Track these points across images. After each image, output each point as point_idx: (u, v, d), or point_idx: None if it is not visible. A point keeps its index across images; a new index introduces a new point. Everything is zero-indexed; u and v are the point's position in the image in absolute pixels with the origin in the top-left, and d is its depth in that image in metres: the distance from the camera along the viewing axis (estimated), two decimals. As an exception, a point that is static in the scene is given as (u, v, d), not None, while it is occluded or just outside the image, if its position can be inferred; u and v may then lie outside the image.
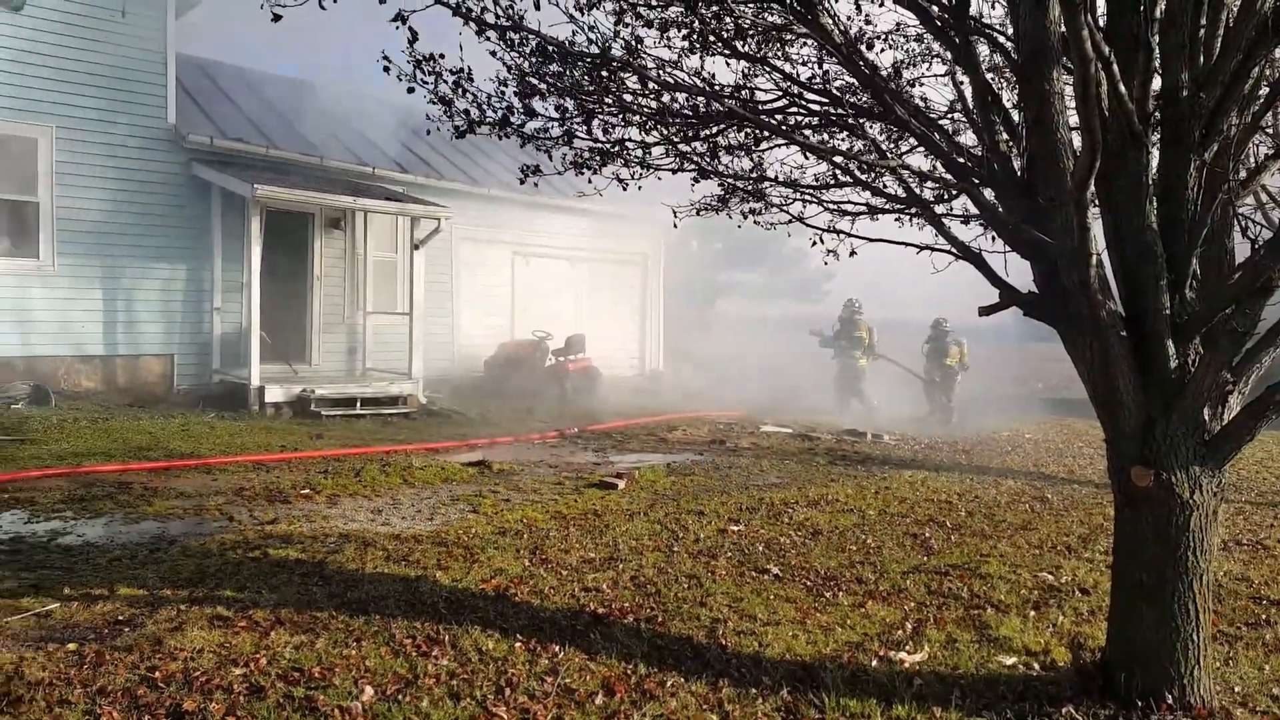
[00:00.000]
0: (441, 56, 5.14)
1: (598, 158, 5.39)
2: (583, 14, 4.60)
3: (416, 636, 3.94)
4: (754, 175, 5.18)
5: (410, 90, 5.12)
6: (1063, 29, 3.14)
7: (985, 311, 3.87)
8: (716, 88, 4.70)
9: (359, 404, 11.55)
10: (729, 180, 4.94)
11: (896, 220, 5.01)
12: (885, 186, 4.77)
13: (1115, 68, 3.11)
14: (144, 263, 11.72)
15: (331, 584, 4.60)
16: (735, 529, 6.31)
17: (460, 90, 4.92)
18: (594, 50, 4.56)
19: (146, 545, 5.28)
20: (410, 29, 3.89)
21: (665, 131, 4.95)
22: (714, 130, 4.96)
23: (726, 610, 4.59)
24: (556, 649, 3.90)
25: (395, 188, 13.77)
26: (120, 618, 4.06)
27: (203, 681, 3.45)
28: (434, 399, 12.85)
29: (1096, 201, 3.70)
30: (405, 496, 6.92)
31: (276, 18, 3.62)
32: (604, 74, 4.63)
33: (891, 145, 5.22)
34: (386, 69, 4.99)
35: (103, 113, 11.33)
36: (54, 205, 11.06)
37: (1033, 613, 4.82)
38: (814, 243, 5.08)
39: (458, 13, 4.27)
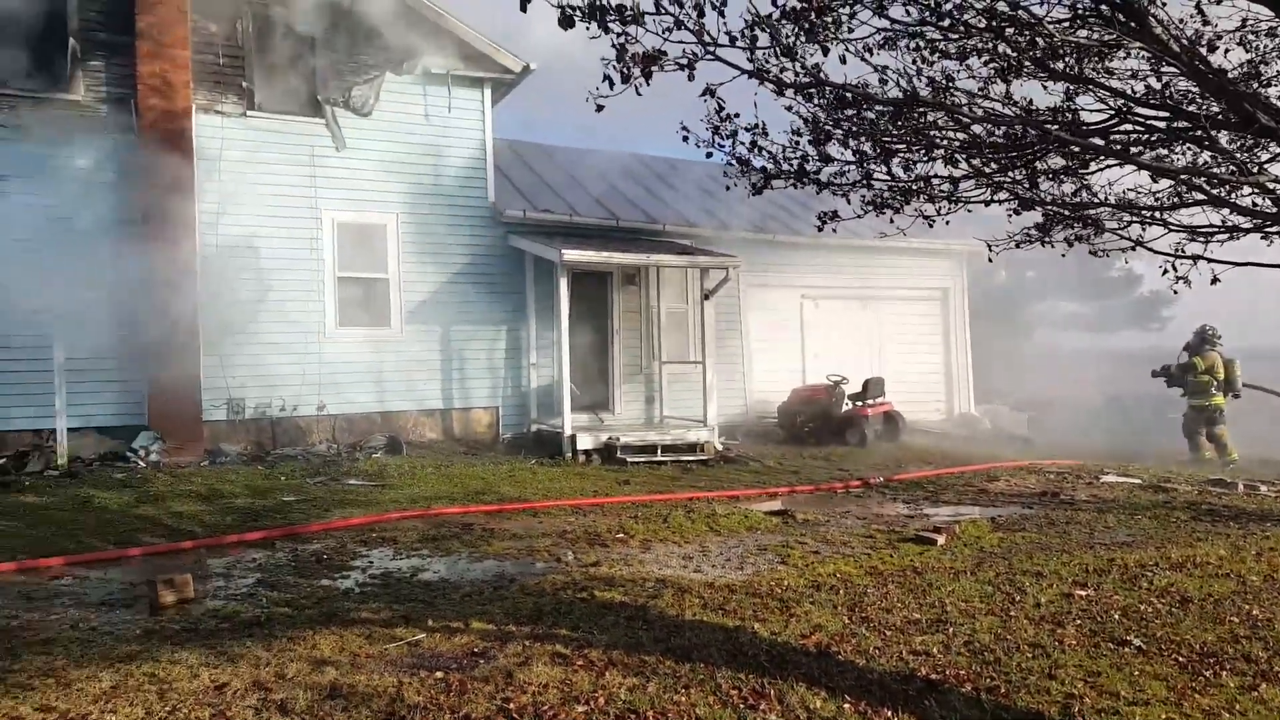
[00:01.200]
0: (736, 116, 5.42)
1: (899, 196, 5.35)
2: (871, 54, 4.66)
3: (742, 688, 4.08)
4: (1079, 200, 4.86)
5: (709, 155, 5.45)
6: None
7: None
8: (1033, 112, 4.51)
9: (659, 451, 12.19)
10: (1053, 208, 4.68)
11: (1264, 239, 4.44)
12: (1244, 201, 4.27)
13: None
14: (472, 326, 13.38)
15: (655, 628, 4.91)
16: (1082, 593, 5.81)
17: (756, 148, 5.15)
18: (895, 94, 4.57)
19: (490, 583, 5.98)
20: (718, 100, 4.17)
21: (976, 163, 4.82)
22: (1029, 156, 4.75)
23: (1081, 685, 4.24)
24: (889, 714, 3.86)
25: (684, 241, 14.52)
26: (475, 650, 4.63)
27: (550, 716, 3.84)
28: (729, 446, 13.21)
29: None
30: (713, 544, 7.20)
31: (599, 108, 4.06)
32: (906, 113, 4.63)
33: (1247, 155, 4.66)
34: (685, 138, 5.36)
35: (436, 197, 13.19)
36: (400, 280, 13.01)
37: None
38: (1164, 270, 4.64)
39: (754, 75, 4.50)
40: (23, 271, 10.41)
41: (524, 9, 4.05)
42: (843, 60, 4.07)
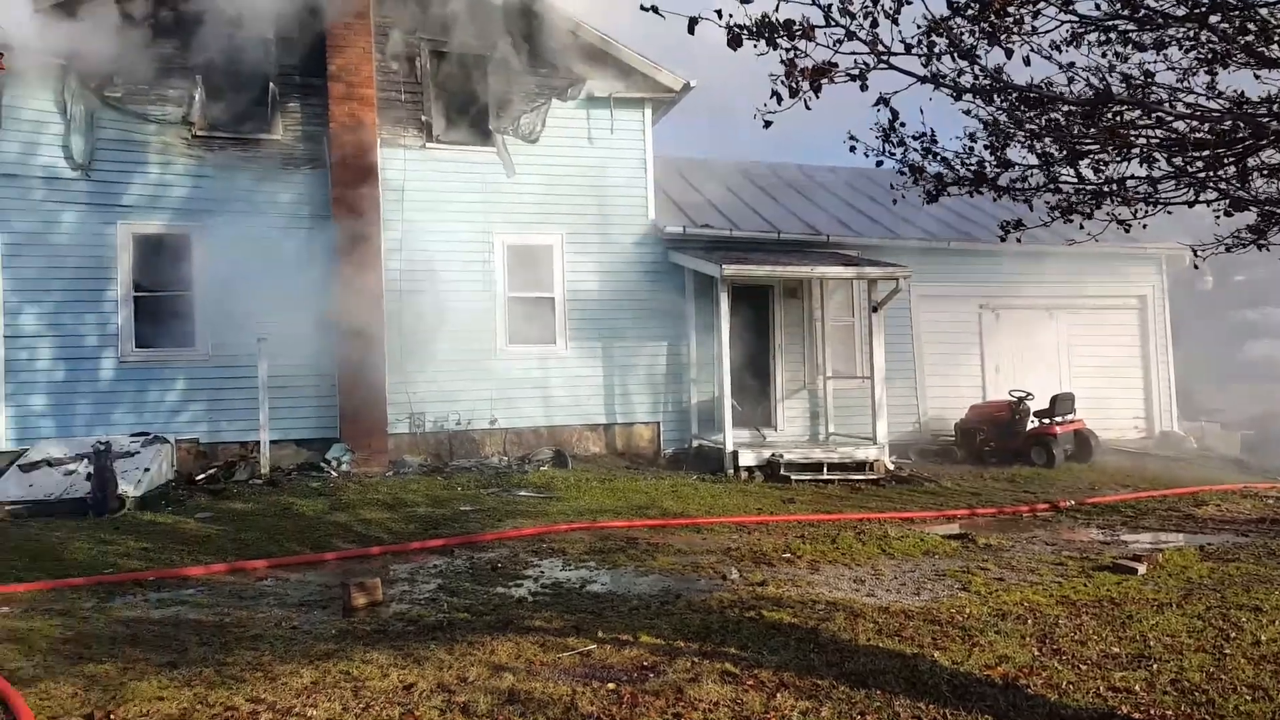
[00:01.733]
0: (902, 125, 5.30)
1: (1089, 200, 5.07)
2: (1060, 51, 4.44)
3: (922, 717, 3.97)
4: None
5: (879, 164, 5.37)
6: None
7: None
8: (1245, 104, 4.16)
9: (825, 469, 11.98)
10: (1270, 208, 4.30)
11: None
12: None
13: None
14: (633, 342, 13.67)
15: (827, 651, 4.84)
16: (1309, 632, 5.27)
17: (929, 155, 5.02)
18: (1084, 92, 4.35)
19: (657, 597, 6.08)
20: (891, 109, 4.11)
21: (1178, 162, 4.50)
22: (1240, 151, 4.39)
23: (1308, 734, 3.86)
24: (1083, 752, 3.64)
25: (850, 252, 14.24)
26: (645, 663, 4.73)
27: (722, 733, 3.87)
28: (901, 465, 12.81)
29: None
30: (885, 567, 7.01)
31: (767, 124, 4.09)
32: (1099, 112, 4.39)
33: None
34: (853, 148, 5.30)
35: (598, 217, 13.59)
36: (565, 299, 13.48)
37: None
38: None
39: (929, 81, 4.39)
40: (231, 297, 11.59)
41: (691, 31, 4.15)
42: (1026, 61, 3.92)
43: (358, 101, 12.09)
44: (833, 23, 3.83)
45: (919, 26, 3.72)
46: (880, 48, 3.60)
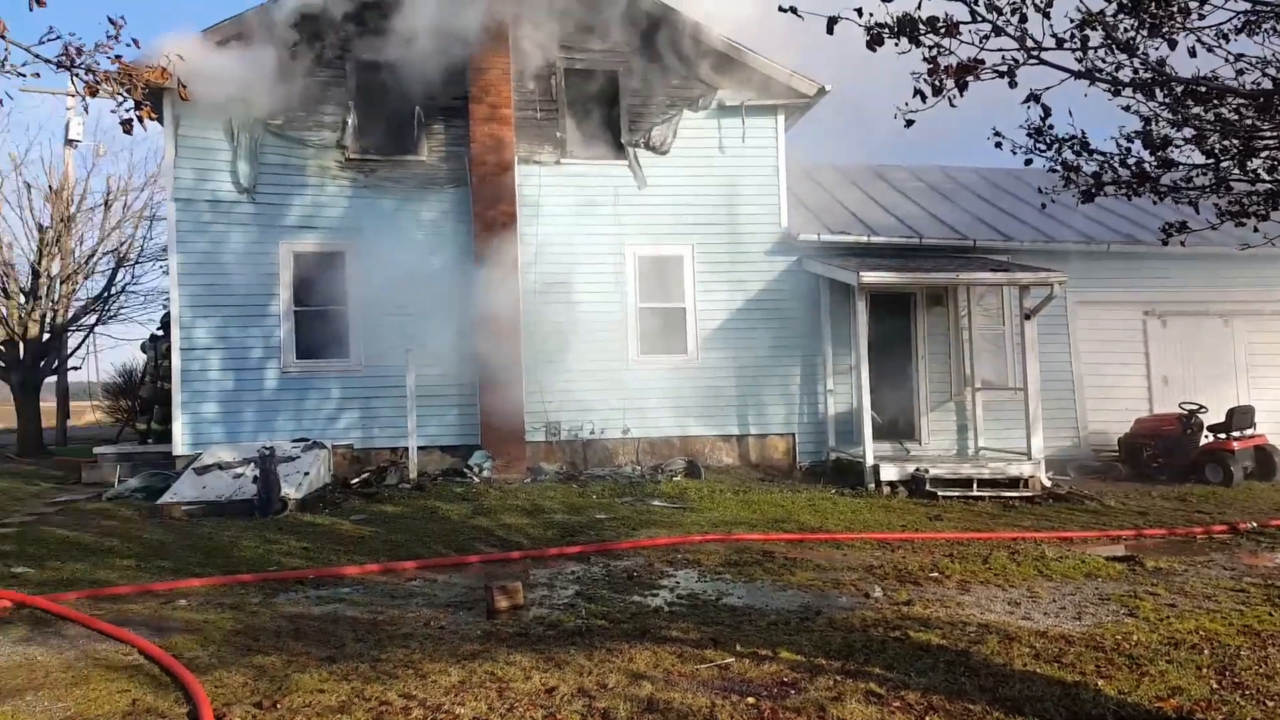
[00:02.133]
0: (1050, 127, 5.07)
1: (1263, 201, 4.73)
2: (1228, 41, 4.16)
3: (1084, 748, 3.77)
4: None
5: (1027, 162, 5.17)
6: None
7: None
8: None
9: (975, 485, 11.52)
10: None
11: None
12: None
13: None
14: (766, 351, 13.56)
15: (979, 676, 4.66)
16: None
17: (1086, 153, 4.80)
18: (1259, 82, 4.06)
19: (796, 613, 6.02)
20: (1043, 106, 3.96)
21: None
22: None
23: None
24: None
25: (999, 257, 13.67)
26: (785, 679, 4.69)
27: (866, 753, 3.79)
28: (1058, 482, 12.16)
29: None
30: (1043, 590, 6.68)
31: (909, 124, 4.02)
32: (1276, 104, 4.09)
33: None
34: (999, 144, 5.13)
35: (729, 226, 13.58)
36: (696, 308, 13.53)
37: None
38: None
39: (1084, 77, 4.20)
40: (381, 310, 12.29)
41: (830, 30, 4.13)
42: (1192, 53, 3.70)
43: (498, 122, 12.58)
44: (979, 18, 3.74)
45: (1071, 20, 3.57)
46: (1030, 43, 3.48)
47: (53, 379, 20.15)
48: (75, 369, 21.32)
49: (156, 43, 11.36)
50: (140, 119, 4.16)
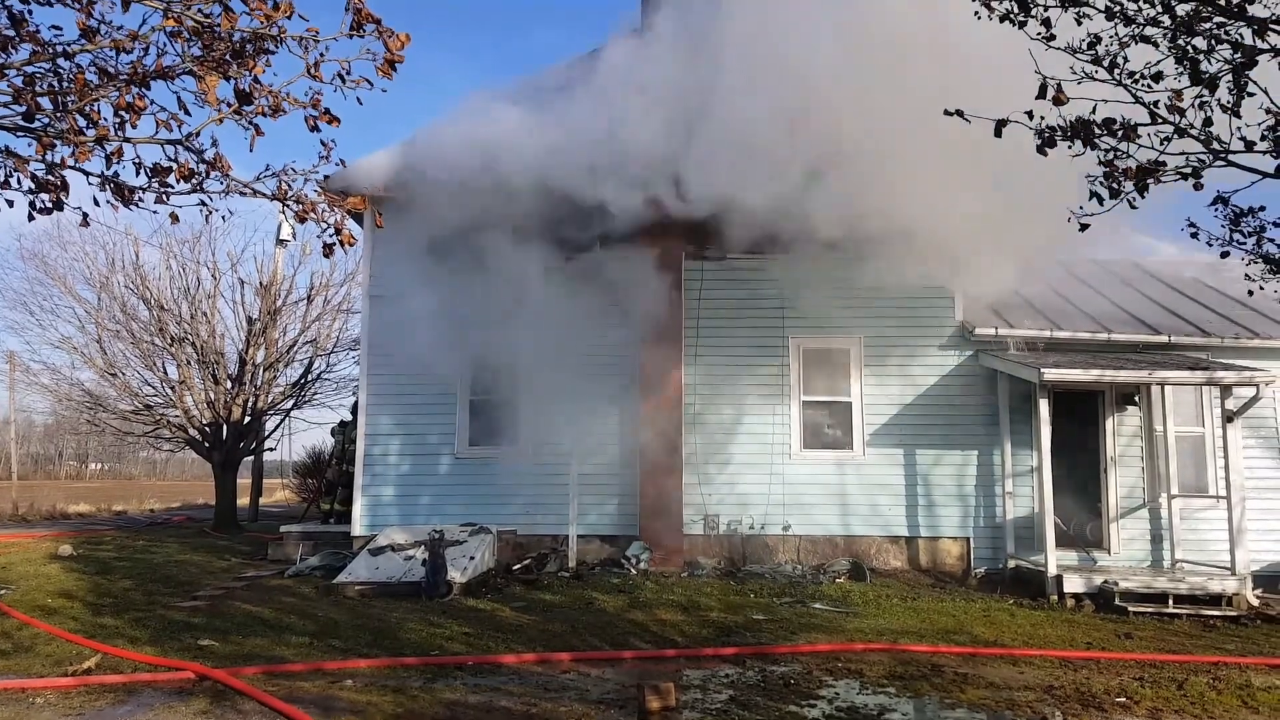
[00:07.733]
0: (1262, 208, 4.81)
1: None
2: None
3: None
4: None
5: (1224, 254, 4.91)
6: None
7: None
8: None
9: (1170, 601, 10.51)
10: None
11: None
12: None
13: None
14: (938, 450, 13.06)
15: (1176, 825, 4.22)
16: None
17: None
18: None
19: (966, 737, 5.65)
20: (1233, 208, 3.78)
21: None
22: None
23: None
24: None
25: (1197, 354, 12.71)
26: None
27: None
28: (1268, 600, 10.92)
29: None
30: (1252, 728, 5.99)
31: (1084, 227, 3.92)
32: None
33: None
34: (1194, 235, 4.90)
35: (900, 319, 13.33)
36: (862, 402, 13.26)
37: None
38: None
39: (1278, 177, 3.98)
40: (549, 401, 12.78)
41: (998, 134, 4.13)
42: None
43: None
44: (1159, 119, 3.64)
45: (1260, 121, 3.42)
46: (1216, 145, 3.36)
47: (249, 458, 21.93)
48: (271, 450, 23.18)
49: (362, 162, 12.70)
50: (341, 243, 4.66)
